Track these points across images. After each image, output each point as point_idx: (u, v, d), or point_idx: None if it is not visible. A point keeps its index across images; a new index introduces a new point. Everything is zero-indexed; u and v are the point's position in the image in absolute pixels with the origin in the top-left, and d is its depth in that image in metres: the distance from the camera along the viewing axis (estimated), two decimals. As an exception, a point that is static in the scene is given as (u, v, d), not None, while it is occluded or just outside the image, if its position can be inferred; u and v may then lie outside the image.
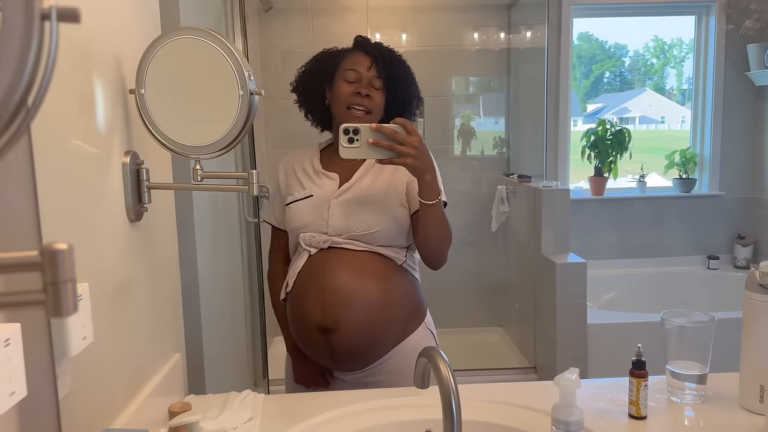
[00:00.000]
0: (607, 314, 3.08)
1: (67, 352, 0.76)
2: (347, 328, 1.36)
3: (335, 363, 1.42)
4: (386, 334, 1.42)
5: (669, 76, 4.69)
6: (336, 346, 1.38)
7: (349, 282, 1.38)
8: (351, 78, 1.45)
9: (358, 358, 1.41)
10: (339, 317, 1.36)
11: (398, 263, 1.46)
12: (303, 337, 1.44)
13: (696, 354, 1.19)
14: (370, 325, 1.38)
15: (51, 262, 0.36)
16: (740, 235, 3.69)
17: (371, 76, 1.45)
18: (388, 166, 1.41)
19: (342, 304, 1.36)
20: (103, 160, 0.97)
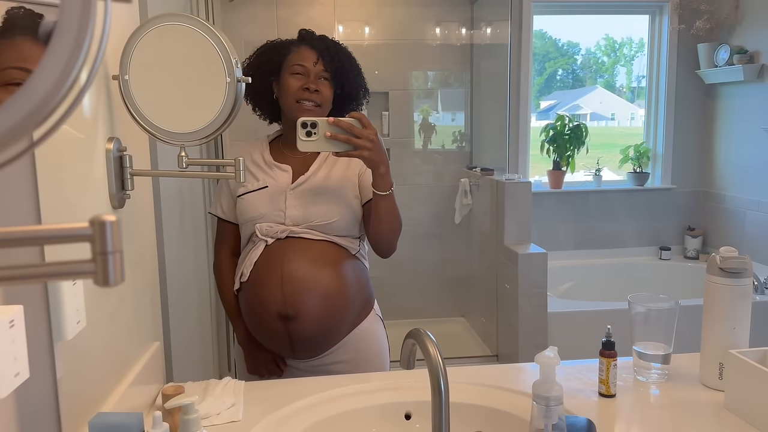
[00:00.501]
0: (566, 303, 3.18)
1: (63, 335, 0.76)
2: (307, 316, 1.40)
3: (293, 351, 1.45)
4: (343, 322, 1.46)
5: (619, 74, 4.83)
6: (295, 333, 1.41)
7: (309, 270, 1.41)
8: (298, 72, 1.47)
9: (316, 346, 1.45)
10: (299, 305, 1.39)
11: (352, 252, 1.50)
12: (261, 326, 1.45)
13: (661, 336, 1.26)
14: (328, 313, 1.42)
15: (101, 233, 0.37)
16: (690, 227, 3.86)
17: (318, 71, 1.47)
18: (341, 158, 1.44)
19: (302, 293, 1.40)
20: (88, 146, 0.97)
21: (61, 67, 0.34)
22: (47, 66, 0.36)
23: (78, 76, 0.35)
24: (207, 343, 2.78)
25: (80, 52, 0.34)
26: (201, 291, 2.69)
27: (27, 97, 0.36)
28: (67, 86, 0.34)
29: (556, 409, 0.92)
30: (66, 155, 0.87)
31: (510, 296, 2.99)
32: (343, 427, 1.18)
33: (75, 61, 0.34)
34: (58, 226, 0.37)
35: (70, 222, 0.41)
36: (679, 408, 1.15)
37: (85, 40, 0.34)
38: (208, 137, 1.06)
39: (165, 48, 1.02)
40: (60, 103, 0.35)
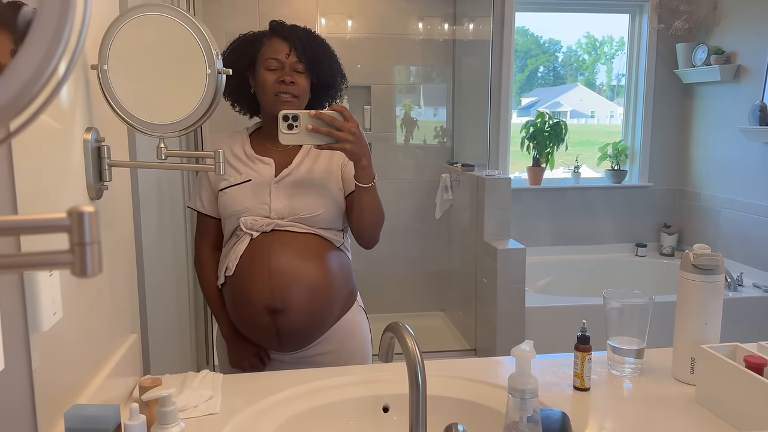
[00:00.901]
0: (544, 298, 3.21)
1: (39, 326, 0.76)
2: (295, 309, 1.40)
3: (279, 344, 1.45)
4: (329, 314, 1.47)
5: (600, 73, 4.87)
6: (283, 327, 1.41)
7: (296, 264, 1.41)
8: (273, 66, 1.45)
9: (302, 338, 1.45)
10: (287, 298, 1.39)
11: (337, 245, 1.51)
12: (247, 320, 1.45)
13: (635, 331, 1.28)
14: (315, 306, 1.43)
15: (79, 223, 0.37)
16: (666, 224, 3.92)
17: (292, 62, 1.45)
18: (324, 151, 1.44)
19: (290, 286, 1.40)
20: (66, 137, 0.96)
21: (40, 57, 0.34)
22: (26, 55, 0.36)
23: (57, 66, 0.35)
24: (185, 336, 2.76)
25: (60, 42, 0.34)
26: (179, 283, 2.67)
27: (4, 86, 0.36)
28: (46, 76, 0.34)
29: (531, 401, 0.93)
30: (43, 145, 0.86)
31: (488, 291, 3.01)
32: (321, 419, 1.18)
33: (54, 51, 0.34)
34: (35, 216, 0.36)
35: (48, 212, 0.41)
36: (652, 401, 1.18)
37: (65, 29, 0.34)
38: (187, 129, 1.05)
39: (145, 38, 1.01)
40: (38, 93, 0.34)
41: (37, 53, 0.36)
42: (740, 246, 3.41)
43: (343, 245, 1.53)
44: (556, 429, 1.01)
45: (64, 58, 0.35)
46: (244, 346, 1.51)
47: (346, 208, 1.50)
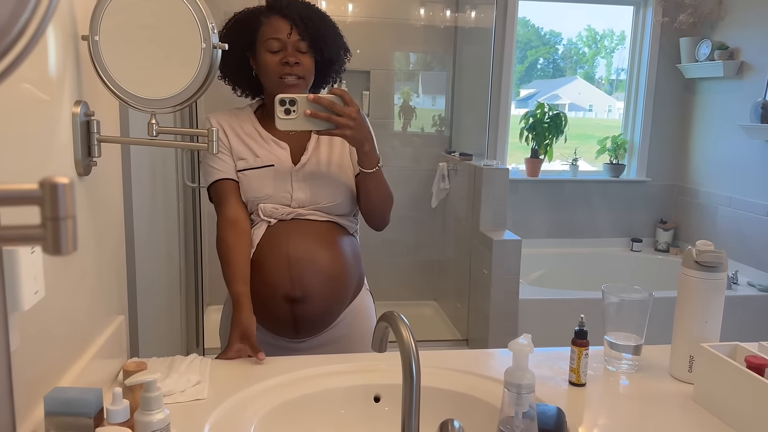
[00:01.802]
0: (538, 290, 3.19)
1: (19, 305, 0.73)
2: (314, 297, 1.36)
3: (295, 331, 1.40)
4: (344, 300, 1.44)
5: (599, 66, 4.84)
6: (301, 315, 1.37)
7: (314, 252, 1.37)
8: (274, 48, 1.38)
9: (318, 325, 1.42)
10: (307, 287, 1.35)
11: (351, 231, 1.48)
12: (264, 308, 1.38)
13: (633, 326, 1.26)
14: (333, 293, 1.39)
15: (52, 196, 0.34)
16: (662, 220, 3.90)
17: (294, 41, 1.37)
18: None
19: (310, 274, 1.36)
20: (53, 109, 0.92)
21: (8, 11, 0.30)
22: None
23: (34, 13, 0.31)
24: (175, 318, 2.73)
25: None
26: (171, 265, 2.64)
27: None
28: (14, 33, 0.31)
29: (527, 397, 0.90)
30: (28, 117, 0.83)
31: (482, 282, 2.99)
32: (311, 408, 1.16)
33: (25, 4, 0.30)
34: (4, 186, 0.33)
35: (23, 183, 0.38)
36: (649, 399, 1.15)
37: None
38: (181, 104, 1.01)
39: (138, 9, 0.97)
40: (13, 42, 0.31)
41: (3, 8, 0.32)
42: (736, 244, 3.39)
43: (356, 231, 1.51)
44: (551, 425, 0.99)
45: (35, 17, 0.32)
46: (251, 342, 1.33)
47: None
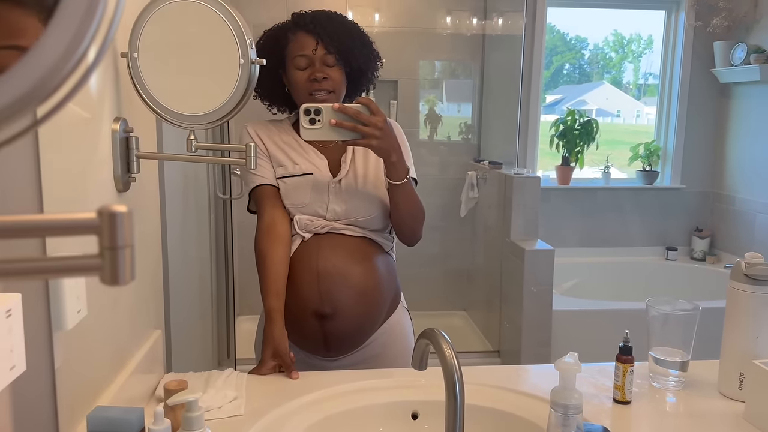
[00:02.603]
0: (571, 301, 3.14)
1: (63, 324, 0.72)
2: (344, 314, 1.34)
3: (326, 349, 1.39)
4: (377, 318, 1.41)
5: (626, 71, 4.78)
6: (331, 332, 1.35)
7: (343, 267, 1.35)
8: (302, 64, 1.37)
9: (350, 343, 1.39)
10: (336, 303, 1.34)
11: (386, 249, 1.46)
12: (294, 325, 1.37)
13: (679, 341, 1.22)
14: (364, 310, 1.37)
15: (110, 225, 0.33)
16: (698, 228, 3.81)
17: (321, 56, 1.37)
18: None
19: (339, 290, 1.34)
20: (94, 126, 0.92)
21: (68, 39, 0.29)
22: (53, 36, 0.32)
23: (87, 50, 0.30)
24: (207, 330, 2.75)
25: (91, 22, 0.30)
26: (202, 277, 2.65)
27: (29, 69, 0.32)
28: (74, 60, 0.30)
29: (574, 417, 0.88)
30: (71, 135, 0.83)
31: (514, 292, 2.95)
32: (349, 424, 1.14)
33: (85, 33, 0.30)
34: (61, 216, 0.32)
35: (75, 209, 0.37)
36: (697, 417, 1.11)
37: (97, 8, 0.30)
38: (219, 120, 1.01)
39: (176, 26, 0.98)
40: (67, 78, 0.30)
41: (65, 34, 0.31)
42: (776, 252, 3.29)
43: (391, 249, 1.48)
44: (598, 445, 0.96)
45: (95, 41, 0.31)
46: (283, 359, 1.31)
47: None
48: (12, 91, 0.31)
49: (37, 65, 0.32)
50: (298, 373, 1.26)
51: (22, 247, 0.65)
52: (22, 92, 0.31)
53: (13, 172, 0.66)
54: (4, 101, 0.31)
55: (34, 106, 0.33)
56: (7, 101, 0.31)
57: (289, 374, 1.26)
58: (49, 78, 0.32)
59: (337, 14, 1.44)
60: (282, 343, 1.30)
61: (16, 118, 0.32)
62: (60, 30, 0.32)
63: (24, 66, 0.32)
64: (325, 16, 1.42)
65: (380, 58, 1.49)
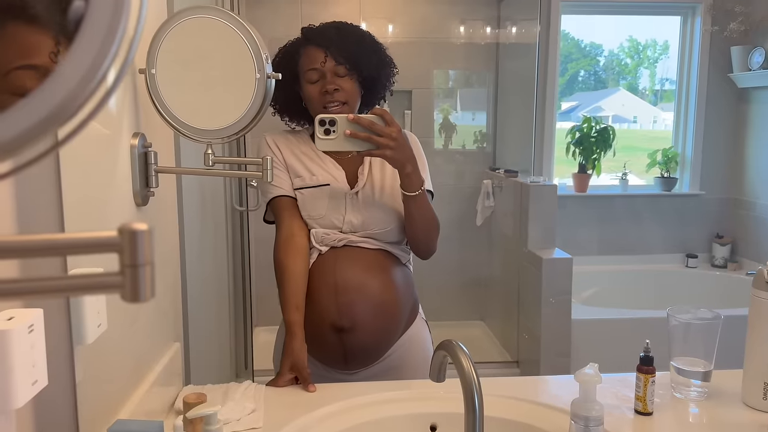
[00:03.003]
0: (591, 310, 3.11)
1: (83, 339, 0.73)
2: (363, 327, 1.34)
3: (345, 362, 1.39)
4: (395, 330, 1.41)
5: (642, 77, 4.74)
6: (350, 345, 1.35)
7: (361, 279, 1.35)
8: (313, 78, 1.38)
9: (368, 356, 1.39)
10: (355, 316, 1.33)
11: (403, 261, 1.46)
12: (313, 338, 1.37)
13: (701, 351, 1.20)
14: (383, 323, 1.37)
15: (131, 243, 0.33)
16: (719, 235, 3.76)
17: (330, 68, 1.37)
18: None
19: (357, 303, 1.34)
20: (113, 142, 0.94)
21: (89, 62, 0.30)
22: (74, 59, 0.32)
23: (107, 72, 0.31)
24: (224, 341, 2.76)
25: (112, 46, 0.30)
26: (220, 288, 2.67)
27: (51, 92, 0.33)
28: (95, 83, 0.30)
29: (595, 429, 0.87)
30: (91, 150, 0.84)
31: (532, 301, 2.93)
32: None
33: (105, 56, 0.30)
34: (82, 234, 0.33)
35: (95, 224, 0.38)
36: (721, 428, 1.10)
37: (117, 31, 0.30)
38: (236, 134, 1.02)
39: (193, 42, 0.99)
40: (87, 100, 0.31)
41: (86, 57, 0.32)
42: (799, 258, 3.24)
43: (408, 261, 1.48)
44: (620, 458, 0.95)
45: (115, 63, 0.31)
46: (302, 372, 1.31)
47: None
48: (35, 114, 0.32)
49: (59, 88, 0.32)
50: (314, 386, 1.26)
51: (40, 265, 0.66)
52: (45, 114, 0.32)
53: (35, 188, 0.67)
54: (27, 124, 0.32)
55: (56, 128, 0.33)
56: (30, 124, 0.32)
57: (305, 387, 1.26)
58: (71, 100, 0.32)
59: (346, 24, 1.44)
60: (301, 356, 1.30)
61: (38, 140, 0.32)
62: (81, 52, 0.32)
63: (46, 88, 0.32)
64: (334, 27, 1.42)
65: (393, 65, 1.48)
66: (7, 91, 0.46)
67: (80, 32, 0.32)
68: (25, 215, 0.65)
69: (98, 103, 0.32)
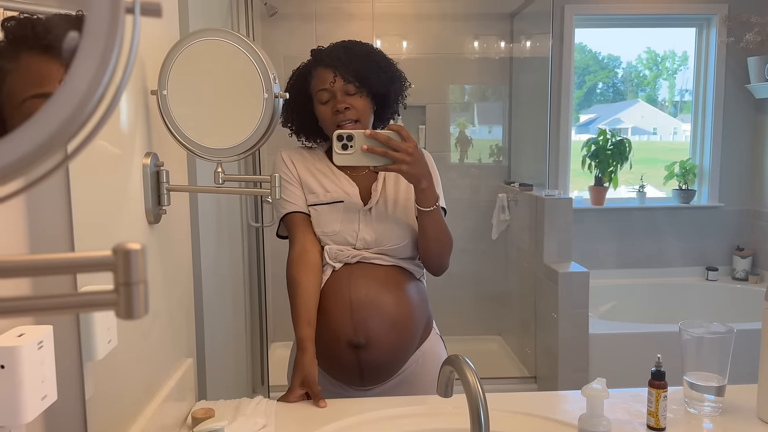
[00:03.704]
0: (609, 324, 3.08)
1: (93, 355, 0.75)
2: (378, 343, 1.34)
3: (361, 379, 1.39)
4: (410, 345, 1.41)
5: (661, 88, 4.72)
6: (366, 361, 1.35)
7: (376, 296, 1.36)
8: (324, 99, 1.40)
9: (384, 372, 1.39)
10: (370, 333, 1.34)
11: (417, 276, 1.46)
12: (329, 355, 1.38)
13: (714, 365, 1.18)
14: (398, 339, 1.37)
15: (125, 262, 0.35)
16: (739, 247, 3.71)
17: (340, 87, 1.39)
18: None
19: (372, 320, 1.34)
20: (125, 162, 0.96)
21: (88, 80, 0.32)
22: (74, 79, 0.34)
23: (107, 88, 0.32)
24: (240, 357, 2.77)
25: (108, 66, 0.32)
26: (236, 304, 2.69)
27: (56, 110, 0.34)
28: (96, 98, 0.32)
29: (603, 444, 0.86)
30: (102, 170, 0.86)
31: (549, 316, 2.91)
32: (377, 452, 1.14)
33: (102, 75, 0.32)
34: (79, 254, 0.34)
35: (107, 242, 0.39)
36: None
37: (112, 52, 0.32)
38: (245, 153, 1.04)
39: (203, 63, 1.01)
40: (91, 115, 0.32)
41: (84, 77, 0.33)
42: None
43: (422, 276, 1.49)
44: (630, 474, 0.94)
45: (114, 80, 0.33)
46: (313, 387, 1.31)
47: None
48: (45, 130, 0.33)
49: (64, 104, 0.34)
50: (325, 402, 1.27)
51: (52, 282, 0.68)
52: (54, 130, 0.33)
53: (46, 208, 0.69)
54: (39, 140, 0.33)
55: (64, 143, 0.35)
56: (41, 140, 0.33)
57: (316, 403, 1.27)
58: (76, 115, 0.34)
59: (354, 43, 1.46)
60: (312, 372, 1.31)
61: (50, 155, 0.34)
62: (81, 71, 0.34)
63: (52, 106, 0.34)
64: (341, 47, 1.44)
65: (404, 78, 1.50)
66: (24, 119, 0.48)
67: (78, 54, 0.34)
68: (37, 234, 0.67)
69: (102, 116, 0.33)
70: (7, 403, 0.58)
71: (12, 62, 0.52)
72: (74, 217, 0.72)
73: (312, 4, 3.40)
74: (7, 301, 0.35)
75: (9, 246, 0.63)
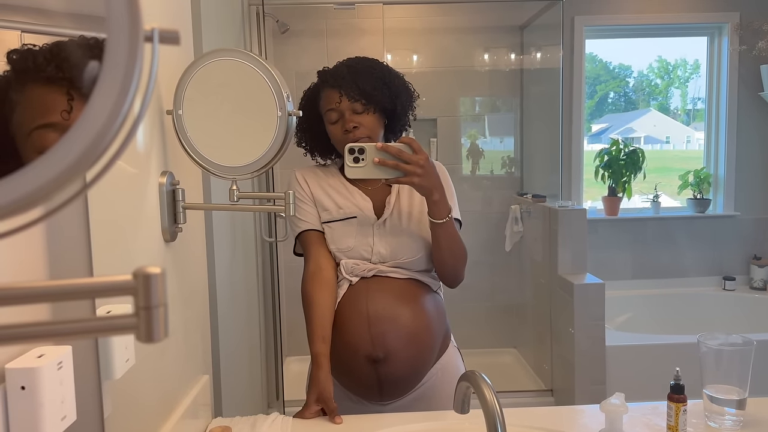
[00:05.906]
0: (626, 336, 3.04)
1: (111, 374, 0.75)
2: (396, 357, 1.34)
3: (380, 393, 1.38)
4: (429, 359, 1.40)
5: (674, 97, 4.70)
6: (385, 375, 1.35)
7: (393, 309, 1.36)
8: (333, 119, 1.41)
9: (403, 386, 1.39)
10: (388, 346, 1.33)
11: (434, 288, 1.46)
12: (347, 370, 1.38)
13: (734, 378, 1.17)
14: (416, 352, 1.36)
15: (145, 286, 0.35)
16: (756, 256, 3.66)
17: (347, 107, 1.39)
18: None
19: (390, 333, 1.34)
20: (141, 181, 0.97)
21: (107, 111, 0.32)
22: (94, 109, 0.35)
23: (126, 117, 0.33)
24: (255, 372, 2.77)
25: (126, 98, 0.32)
26: (251, 319, 2.70)
27: (78, 139, 0.35)
28: (118, 122, 0.33)
29: (623, 460, 0.85)
30: (119, 190, 0.88)
31: (565, 328, 2.88)
32: (394, 469, 1.13)
33: (121, 106, 0.32)
34: (100, 279, 0.35)
35: (123, 261, 0.39)
36: (758, 459, 1.06)
37: (131, 81, 0.32)
38: (259, 170, 1.05)
39: (217, 82, 1.03)
40: (111, 143, 0.33)
41: (104, 108, 0.34)
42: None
43: (439, 288, 1.49)
44: (651, 490, 0.92)
45: (132, 111, 0.34)
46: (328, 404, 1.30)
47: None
48: (65, 160, 0.34)
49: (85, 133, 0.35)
50: (341, 418, 1.26)
51: (70, 304, 0.69)
52: (74, 160, 0.34)
53: (65, 232, 0.70)
54: (58, 170, 0.34)
55: (84, 171, 0.35)
56: (60, 169, 0.34)
57: (332, 419, 1.27)
58: (95, 145, 0.35)
59: (358, 60, 1.47)
60: (327, 387, 1.30)
61: (70, 183, 0.34)
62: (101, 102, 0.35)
63: (65, 142, 0.35)
64: (345, 66, 1.45)
65: (411, 91, 1.50)
66: (33, 150, 0.49)
67: (96, 88, 0.35)
68: (56, 255, 0.68)
69: (122, 144, 0.34)
70: (28, 425, 0.58)
71: (19, 94, 0.53)
72: (92, 238, 0.73)
73: (323, 21, 3.43)
74: (27, 327, 0.35)
75: (29, 267, 0.64)
